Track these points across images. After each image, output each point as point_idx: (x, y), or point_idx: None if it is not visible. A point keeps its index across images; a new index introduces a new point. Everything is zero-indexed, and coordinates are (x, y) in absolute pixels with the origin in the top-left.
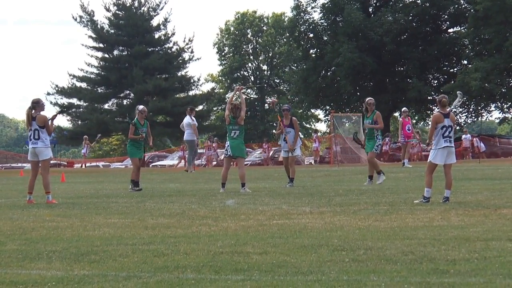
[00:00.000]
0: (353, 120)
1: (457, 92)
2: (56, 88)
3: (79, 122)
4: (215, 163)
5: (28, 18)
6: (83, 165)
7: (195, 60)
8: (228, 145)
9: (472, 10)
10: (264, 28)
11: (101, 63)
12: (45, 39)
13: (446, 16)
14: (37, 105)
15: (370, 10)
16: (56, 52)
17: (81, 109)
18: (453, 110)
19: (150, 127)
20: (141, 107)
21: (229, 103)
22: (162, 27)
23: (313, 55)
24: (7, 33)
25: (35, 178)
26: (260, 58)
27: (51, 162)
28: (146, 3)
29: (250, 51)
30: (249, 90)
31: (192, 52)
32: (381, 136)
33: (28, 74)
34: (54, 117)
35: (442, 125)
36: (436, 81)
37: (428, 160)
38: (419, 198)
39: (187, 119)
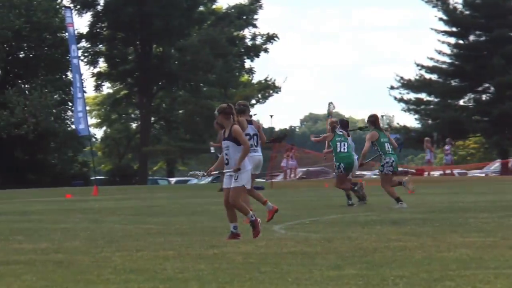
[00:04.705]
0: None
1: None
2: (402, 81)
3: (429, 121)
4: None
5: None
6: (429, 173)
7: None
8: None
9: None
10: None
11: (454, 50)
12: None
13: None
14: (246, 108)
15: None
16: (401, 39)
17: (431, 106)
18: None
19: None
20: None
21: None
22: None
23: None
24: None
25: None
26: None
27: (399, 169)
28: None
29: None
30: None
31: None
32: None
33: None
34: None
35: None
36: None
37: None
38: None
39: None
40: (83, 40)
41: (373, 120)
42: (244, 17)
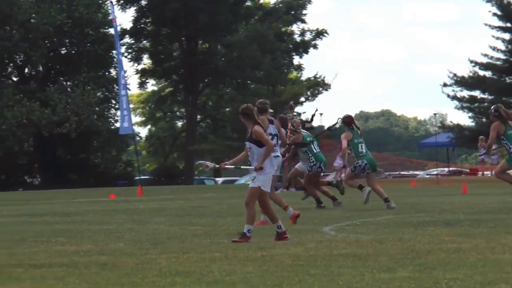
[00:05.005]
0: None
1: None
2: (455, 78)
3: (483, 119)
4: None
5: None
6: (483, 173)
7: None
8: None
9: None
10: None
11: (509, 46)
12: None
13: None
14: (267, 107)
15: None
16: (453, 35)
17: (486, 104)
18: None
19: None
20: None
21: None
22: None
23: None
24: None
25: None
26: None
27: (452, 169)
28: None
29: None
30: None
31: None
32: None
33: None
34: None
35: None
36: None
37: None
38: None
39: None
40: (127, 36)
41: (348, 121)
42: (293, 12)
